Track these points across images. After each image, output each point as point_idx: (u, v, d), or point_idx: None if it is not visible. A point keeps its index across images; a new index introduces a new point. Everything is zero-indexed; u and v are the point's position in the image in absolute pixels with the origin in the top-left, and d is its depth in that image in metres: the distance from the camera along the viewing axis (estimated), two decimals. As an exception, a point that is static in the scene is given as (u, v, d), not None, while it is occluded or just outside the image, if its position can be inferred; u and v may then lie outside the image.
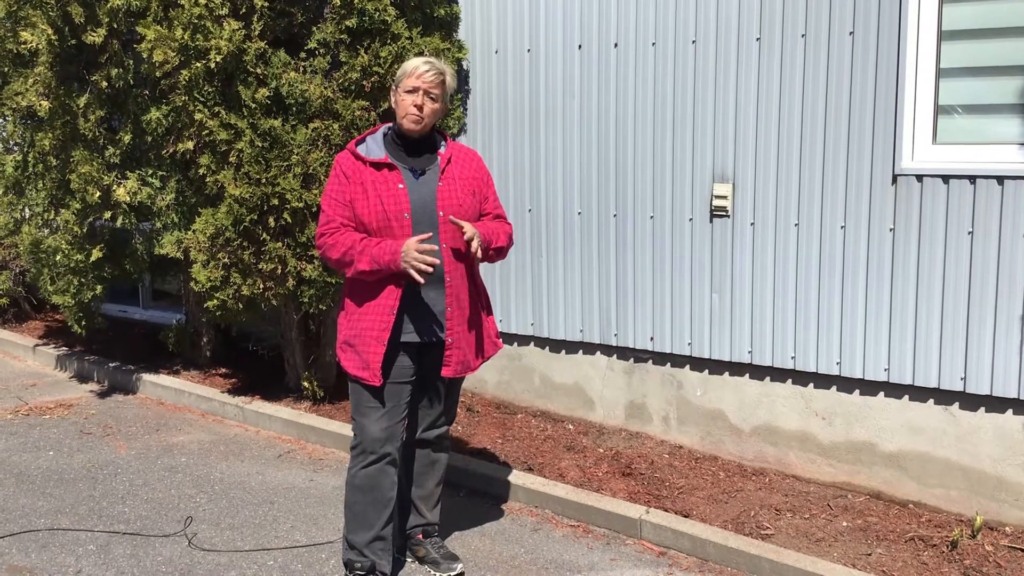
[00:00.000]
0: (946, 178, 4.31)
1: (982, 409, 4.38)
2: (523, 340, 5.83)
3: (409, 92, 3.62)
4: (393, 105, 3.71)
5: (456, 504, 4.63)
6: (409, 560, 4.03)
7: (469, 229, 3.54)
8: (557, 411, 5.74)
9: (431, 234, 3.55)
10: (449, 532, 4.33)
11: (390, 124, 3.79)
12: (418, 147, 3.72)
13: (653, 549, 4.20)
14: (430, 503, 4.04)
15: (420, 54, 5.28)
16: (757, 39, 4.73)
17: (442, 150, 3.77)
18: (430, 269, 3.45)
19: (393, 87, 3.71)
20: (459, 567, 3.94)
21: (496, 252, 3.78)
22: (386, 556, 3.76)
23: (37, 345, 7.42)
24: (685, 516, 4.36)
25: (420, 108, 3.62)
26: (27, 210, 6.52)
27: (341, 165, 3.69)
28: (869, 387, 4.66)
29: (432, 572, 3.94)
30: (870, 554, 4.05)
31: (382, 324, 3.60)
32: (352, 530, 3.73)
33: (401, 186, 3.63)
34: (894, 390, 4.60)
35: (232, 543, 4.18)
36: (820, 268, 4.68)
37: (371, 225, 3.61)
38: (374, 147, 3.71)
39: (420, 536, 4.04)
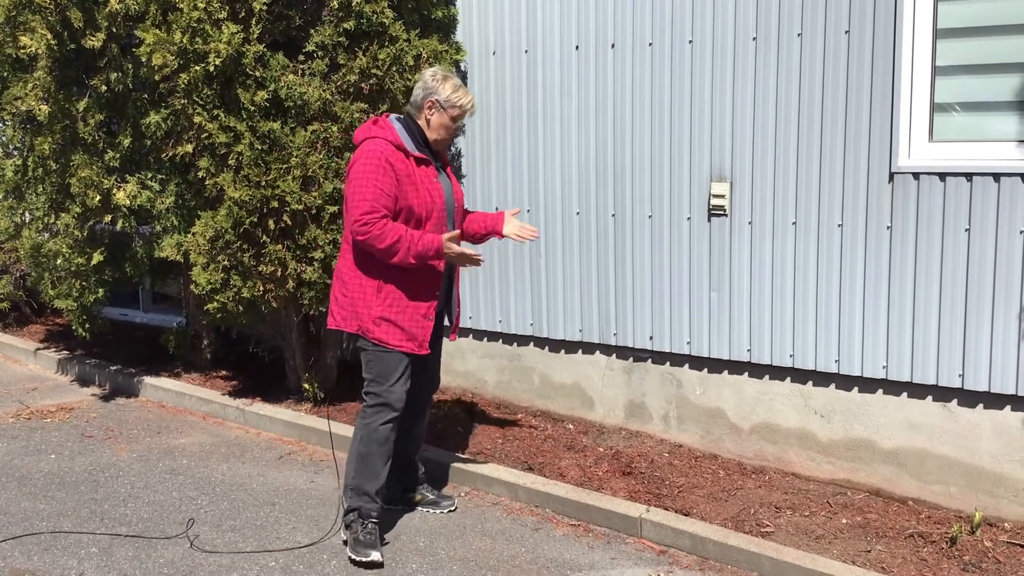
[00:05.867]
0: (943, 176, 4.33)
1: (980, 405, 4.40)
2: (523, 340, 5.85)
3: (455, 119, 4.11)
4: (428, 113, 4.09)
5: (457, 503, 4.64)
6: (402, 508, 4.57)
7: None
8: (557, 411, 5.75)
9: (458, 232, 4.09)
10: (451, 531, 4.34)
11: (399, 117, 4.16)
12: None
13: (653, 548, 4.22)
14: (416, 454, 4.59)
15: (418, 56, 5.29)
16: (753, 38, 4.74)
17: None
18: (481, 260, 4.09)
19: (434, 100, 4.07)
20: (454, 504, 4.61)
21: None
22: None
23: (38, 349, 7.43)
24: (685, 515, 4.37)
25: (456, 134, 4.22)
26: (27, 214, 6.53)
27: (386, 155, 3.96)
28: (868, 384, 4.67)
29: (433, 511, 4.56)
30: (870, 551, 4.07)
31: (429, 302, 4.11)
32: (365, 479, 4.13)
33: (437, 180, 4.13)
34: (892, 387, 4.61)
35: (234, 544, 4.19)
36: (818, 266, 4.70)
37: (420, 214, 4.03)
38: (410, 142, 4.08)
39: (415, 484, 4.60)
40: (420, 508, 4.57)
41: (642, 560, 4.10)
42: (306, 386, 5.90)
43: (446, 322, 4.47)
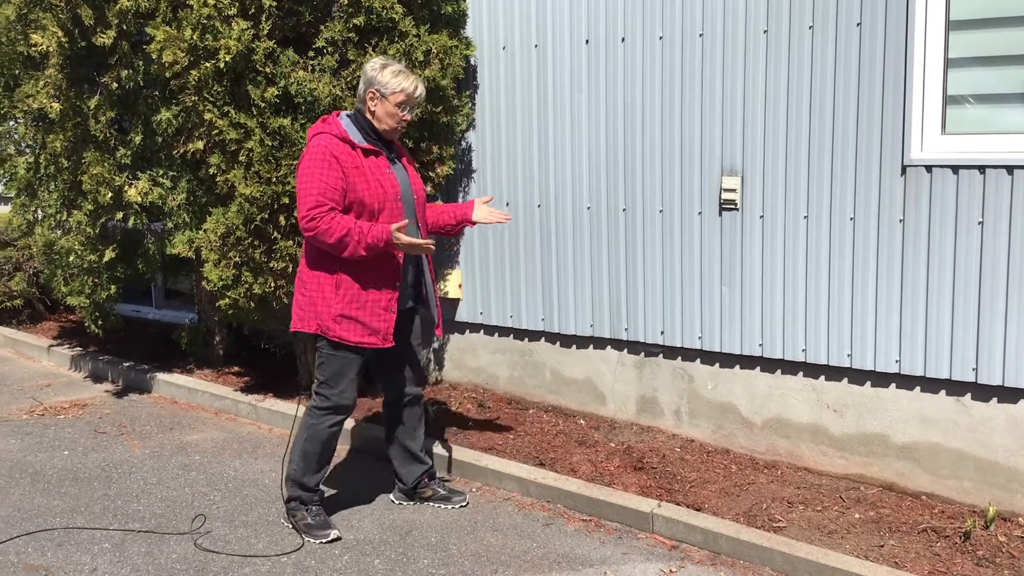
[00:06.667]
0: (955, 168, 4.30)
1: (994, 400, 4.37)
2: (534, 335, 5.84)
3: (400, 105, 4.07)
4: (371, 105, 4.08)
5: (469, 499, 4.65)
6: (413, 503, 4.59)
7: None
8: (568, 406, 5.75)
9: (407, 221, 3.96)
10: (462, 527, 4.35)
11: (349, 113, 4.16)
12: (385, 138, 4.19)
13: (665, 543, 4.21)
14: (424, 450, 4.59)
15: (428, 52, 5.29)
16: (764, 31, 4.72)
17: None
18: (433, 247, 4.01)
19: (374, 91, 4.06)
20: (466, 499, 4.61)
21: None
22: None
23: (51, 346, 7.47)
24: (697, 510, 4.36)
25: (406, 120, 4.13)
26: (40, 211, 6.56)
27: (331, 149, 3.97)
28: (881, 379, 4.65)
29: (444, 506, 4.56)
30: (882, 545, 4.05)
31: (389, 294, 4.09)
32: (306, 474, 4.26)
33: (389, 171, 4.11)
34: (906, 381, 4.59)
35: (246, 540, 4.21)
36: (830, 260, 4.68)
37: (371, 205, 4.00)
38: (357, 134, 4.07)
39: (426, 479, 4.59)
40: (432, 504, 4.58)
41: (654, 555, 4.10)
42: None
43: (428, 318, 4.46)
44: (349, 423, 5.31)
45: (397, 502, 4.61)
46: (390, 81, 4.04)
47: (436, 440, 5.18)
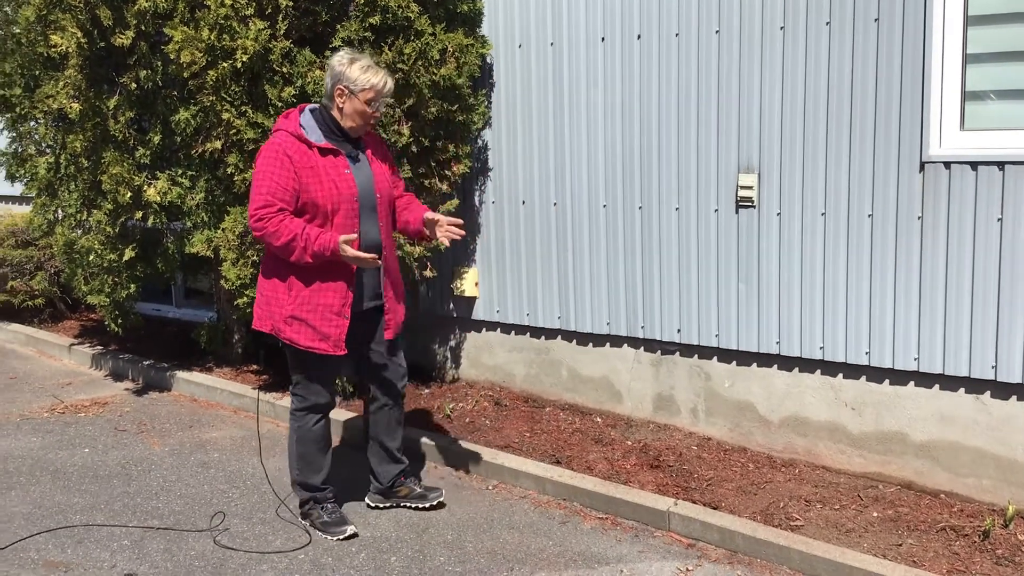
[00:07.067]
0: (974, 164, 4.26)
1: (1014, 397, 4.34)
2: (550, 333, 5.84)
3: (370, 103, 3.93)
4: (339, 101, 3.94)
5: (484, 497, 4.66)
6: (388, 506, 4.52)
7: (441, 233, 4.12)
8: (585, 404, 5.75)
9: (355, 236, 3.86)
10: (478, 525, 4.35)
11: (313, 107, 4.03)
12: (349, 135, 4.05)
13: (681, 541, 4.20)
14: (401, 449, 4.53)
15: (444, 50, 5.30)
16: (781, 28, 4.70)
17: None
18: (379, 263, 3.91)
19: (343, 88, 3.91)
20: (441, 496, 4.51)
21: None
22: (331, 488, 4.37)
23: (72, 344, 7.53)
24: (714, 508, 4.35)
25: (376, 117, 4.01)
26: (60, 211, 6.61)
27: (284, 148, 3.86)
28: (899, 376, 4.62)
29: (420, 505, 4.48)
30: (901, 544, 4.03)
31: (342, 299, 3.98)
32: (308, 475, 4.25)
33: (347, 171, 3.96)
34: (924, 379, 4.56)
35: (264, 537, 4.23)
36: (848, 257, 4.65)
37: (325, 207, 3.89)
38: (314, 132, 3.94)
39: (402, 478, 4.53)
40: (407, 502, 4.51)
41: (670, 553, 4.09)
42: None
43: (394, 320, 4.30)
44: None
45: (372, 504, 4.53)
46: (359, 77, 3.89)
47: (453, 438, 5.20)
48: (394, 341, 4.33)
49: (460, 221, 4.15)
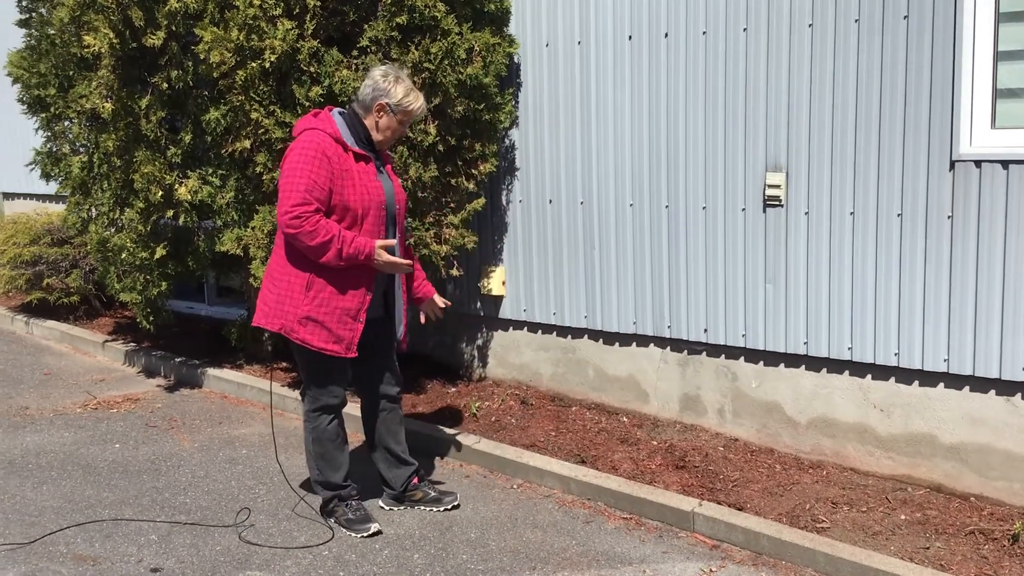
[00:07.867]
0: (1006, 163, 4.20)
1: (1046, 400, 4.28)
2: (577, 333, 5.83)
3: (402, 123, 4.08)
4: (377, 116, 4.06)
5: (508, 496, 4.66)
6: (403, 508, 4.50)
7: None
8: (611, 403, 5.73)
9: (395, 241, 4.06)
10: (502, 523, 4.36)
11: (341, 111, 4.08)
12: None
13: (706, 542, 4.18)
14: (407, 451, 4.51)
15: (470, 50, 5.30)
16: (809, 25, 4.66)
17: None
18: (411, 269, 4.12)
19: (384, 103, 4.01)
20: (456, 499, 4.50)
21: None
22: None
23: (106, 341, 7.63)
24: (739, 509, 4.32)
25: (402, 135, 4.18)
26: (93, 209, 6.70)
27: (323, 148, 3.89)
28: (928, 378, 4.57)
29: (434, 509, 4.46)
30: (928, 548, 3.98)
31: (359, 304, 4.04)
32: (329, 474, 4.25)
33: (376, 178, 4.06)
34: (954, 381, 4.50)
35: (288, 533, 4.26)
36: (877, 257, 4.60)
37: (356, 211, 3.96)
38: (349, 137, 4.01)
39: (416, 481, 4.51)
40: (422, 506, 4.49)
41: (694, 554, 4.07)
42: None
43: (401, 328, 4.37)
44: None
45: (387, 507, 4.51)
46: (403, 100, 4.02)
47: (479, 437, 5.21)
48: (392, 345, 4.40)
49: (447, 304, 4.55)
